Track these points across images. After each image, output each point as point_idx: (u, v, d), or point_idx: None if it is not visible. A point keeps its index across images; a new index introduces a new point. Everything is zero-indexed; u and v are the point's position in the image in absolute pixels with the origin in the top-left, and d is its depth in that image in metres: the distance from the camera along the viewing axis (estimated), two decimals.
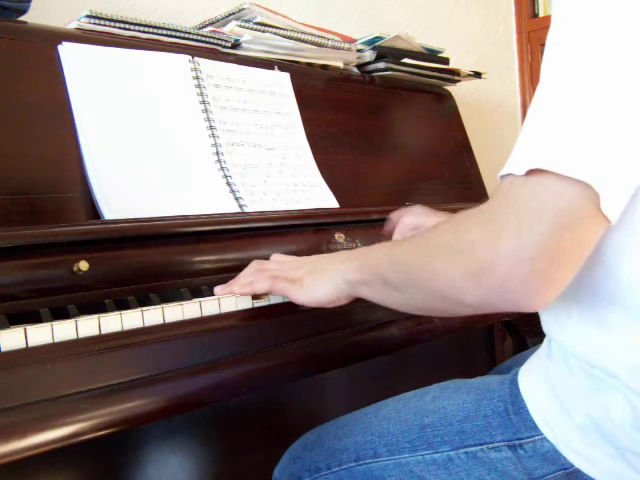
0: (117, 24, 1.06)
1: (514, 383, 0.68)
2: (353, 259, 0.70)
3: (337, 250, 1.03)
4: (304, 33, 1.31)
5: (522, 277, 0.51)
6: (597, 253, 0.58)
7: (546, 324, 0.67)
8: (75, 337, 0.63)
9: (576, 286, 0.61)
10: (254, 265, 0.81)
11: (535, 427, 0.64)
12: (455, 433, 0.69)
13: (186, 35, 1.14)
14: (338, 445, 0.77)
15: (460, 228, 0.57)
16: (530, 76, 2.30)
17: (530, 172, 0.51)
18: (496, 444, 0.66)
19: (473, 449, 0.67)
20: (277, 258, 0.82)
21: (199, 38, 1.15)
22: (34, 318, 0.67)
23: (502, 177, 0.54)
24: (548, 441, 0.64)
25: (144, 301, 0.76)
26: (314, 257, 0.79)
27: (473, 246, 0.54)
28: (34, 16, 1.01)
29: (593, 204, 0.50)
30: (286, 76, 1.25)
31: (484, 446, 0.67)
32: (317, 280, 0.73)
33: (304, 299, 0.74)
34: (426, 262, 0.59)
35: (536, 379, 0.66)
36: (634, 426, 0.58)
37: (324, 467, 0.76)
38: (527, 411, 0.65)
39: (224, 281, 0.80)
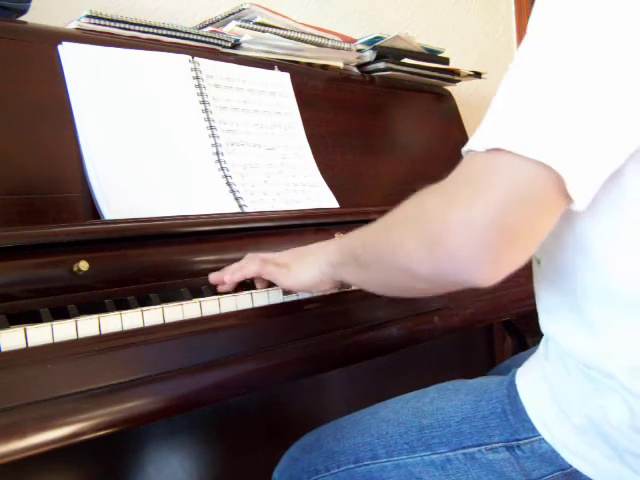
0: (117, 24, 1.06)
1: (512, 384, 0.68)
2: (335, 242, 0.73)
3: None
4: (304, 33, 1.31)
5: (471, 247, 0.51)
6: (587, 248, 0.58)
7: (543, 323, 0.67)
8: (75, 337, 0.63)
9: (568, 284, 0.62)
10: (246, 256, 0.83)
11: (533, 428, 0.64)
12: (453, 434, 0.69)
13: (186, 35, 1.14)
14: (337, 447, 0.77)
15: (419, 201, 0.58)
16: None
17: (491, 150, 0.51)
18: (494, 445, 0.66)
19: (471, 450, 0.67)
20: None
21: (199, 38, 1.15)
22: (34, 318, 0.67)
23: (465, 153, 0.55)
24: (546, 442, 0.64)
25: (144, 301, 0.76)
26: (304, 247, 0.80)
27: (426, 216, 0.54)
28: (34, 16, 1.01)
29: (552, 185, 0.50)
30: (286, 76, 1.25)
31: (482, 447, 0.67)
32: (303, 264, 0.75)
33: (291, 283, 0.75)
34: (388, 235, 0.60)
35: (534, 380, 0.67)
36: (631, 427, 0.58)
37: (323, 469, 0.76)
38: (525, 412, 0.65)
39: None
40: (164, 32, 1.11)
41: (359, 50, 1.47)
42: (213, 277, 0.81)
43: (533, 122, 0.50)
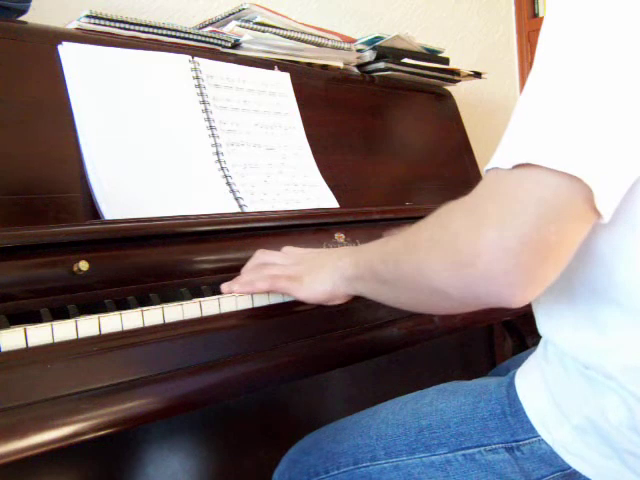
0: (117, 24, 1.06)
1: (511, 385, 0.68)
2: (350, 255, 0.71)
3: None
4: (304, 33, 1.31)
5: (504, 269, 0.50)
6: (594, 252, 0.58)
7: (541, 325, 0.67)
8: (75, 337, 0.63)
9: (570, 285, 0.61)
10: (257, 258, 0.81)
11: (532, 429, 0.64)
12: (452, 435, 0.69)
13: (186, 35, 1.14)
14: (336, 449, 0.76)
15: (444, 220, 0.57)
16: None
17: (518, 165, 0.51)
18: (493, 446, 0.66)
19: (470, 451, 0.67)
20: (285, 249, 0.82)
21: (199, 38, 1.15)
22: (34, 318, 0.67)
23: (487, 171, 0.54)
24: (545, 443, 0.64)
25: (144, 301, 0.76)
26: (316, 252, 0.79)
27: (456, 237, 0.53)
28: (34, 16, 1.01)
29: (582, 198, 0.49)
30: (286, 76, 1.25)
31: (481, 448, 0.67)
32: (316, 277, 0.73)
33: (304, 296, 0.74)
34: (412, 255, 0.59)
35: (533, 381, 0.66)
36: (630, 427, 0.58)
37: (322, 471, 0.76)
38: (524, 413, 0.65)
39: (224, 281, 0.80)
40: (164, 32, 1.11)
41: (359, 50, 1.47)
42: (224, 288, 0.79)
43: (560, 136, 0.50)
